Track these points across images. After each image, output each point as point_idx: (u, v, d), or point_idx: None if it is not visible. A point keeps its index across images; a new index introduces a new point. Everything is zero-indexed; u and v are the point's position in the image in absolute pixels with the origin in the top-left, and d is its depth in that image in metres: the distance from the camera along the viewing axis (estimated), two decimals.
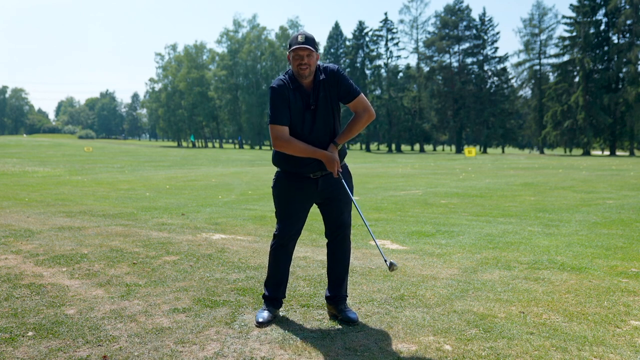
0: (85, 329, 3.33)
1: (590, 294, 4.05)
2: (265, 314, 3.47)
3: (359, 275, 4.64)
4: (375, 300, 3.93)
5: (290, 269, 4.81)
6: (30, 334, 3.24)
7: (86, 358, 2.89)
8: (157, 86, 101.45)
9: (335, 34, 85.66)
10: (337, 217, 3.55)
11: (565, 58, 63.31)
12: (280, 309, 3.69)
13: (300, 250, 5.62)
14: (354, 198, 3.51)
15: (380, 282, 4.40)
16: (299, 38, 3.31)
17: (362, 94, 3.44)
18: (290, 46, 3.33)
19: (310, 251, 5.64)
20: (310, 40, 3.30)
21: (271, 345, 3.10)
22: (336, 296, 3.58)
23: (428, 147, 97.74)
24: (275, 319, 3.52)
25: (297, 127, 3.36)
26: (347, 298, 3.72)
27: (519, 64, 71.08)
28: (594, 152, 66.96)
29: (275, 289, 3.59)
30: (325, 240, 3.72)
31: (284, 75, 3.40)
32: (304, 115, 3.36)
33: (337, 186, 3.50)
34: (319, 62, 3.42)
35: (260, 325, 3.39)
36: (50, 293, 4.10)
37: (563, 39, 63.01)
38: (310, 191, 3.46)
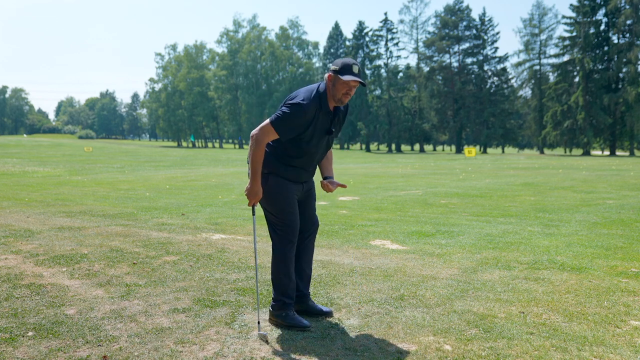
0: (85, 329, 3.33)
1: (590, 294, 4.05)
2: (302, 317, 3.46)
3: (359, 275, 4.64)
4: (375, 300, 3.93)
5: None
6: (30, 334, 3.24)
7: (86, 358, 2.89)
8: (157, 86, 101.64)
9: (335, 34, 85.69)
10: (311, 215, 3.62)
11: (565, 58, 63.36)
12: None
13: None
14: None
15: (380, 282, 4.40)
16: (355, 68, 3.22)
17: None
18: (343, 71, 3.21)
19: None
20: (361, 74, 3.29)
21: (271, 345, 3.10)
22: (306, 295, 3.62)
23: (428, 147, 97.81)
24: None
25: (315, 147, 3.37)
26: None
27: (519, 64, 71.11)
28: (594, 152, 66.99)
29: (294, 292, 3.52)
30: (326, 241, 3.72)
31: (316, 94, 3.29)
32: (322, 138, 3.39)
33: (312, 187, 3.63)
34: None
35: (308, 328, 3.33)
36: (50, 293, 4.10)
37: (563, 39, 63.03)
38: (298, 190, 3.52)
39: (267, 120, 3.29)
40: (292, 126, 3.24)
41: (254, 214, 3.53)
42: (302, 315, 3.55)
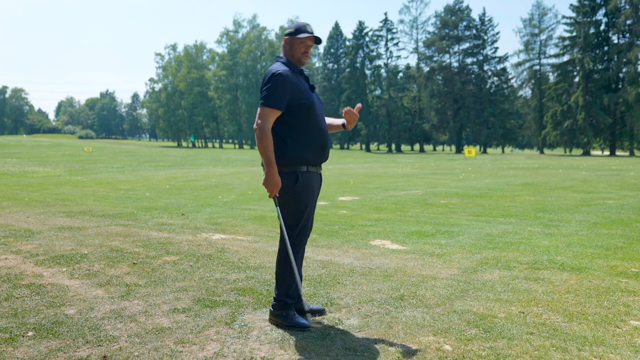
0: (85, 329, 3.32)
1: (590, 294, 4.05)
2: (304, 317, 3.43)
3: (359, 275, 4.64)
4: (375, 300, 3.93)
5: None
6: (30, 334, 3.24)
7: (86, 358, 2.89)
8: (157, 86, 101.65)
9: (335, 34, 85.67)
10: (314, 216, 3.61)
11: (565, 58, 63.39)
12: None
13: None
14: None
15: (380, 282, 4.40)
16: (308, 27, 3.41)
17: None
18: (297, 32, 3.39)
19: (310, 251, 5.63)
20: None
21: (271, 345, 3.10)
22: (300, 295, 3.59)
23: (428, 147, 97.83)
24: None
25: (317, 107, 3.43)
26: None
27: (519, 64, 71.11)
28: (593, 152, 66.99)
29: (299, 293, 3.51)
30: (326, 241, 3.72)
31: (281, 64, 3.42)
32: (313, 96, 3.44)
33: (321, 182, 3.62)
34: None
35: (307, 328, 3.33)
36: (50, 293, 4.10)
37: (563, 39, 63.04)
38: (318, 188, 3.52)
39: (259, 107, 3.33)
40: (282, 94, 3.28)
41: (277, 205, 3.38)
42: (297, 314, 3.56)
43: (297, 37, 3.38)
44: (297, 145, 3.35)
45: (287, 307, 3.42)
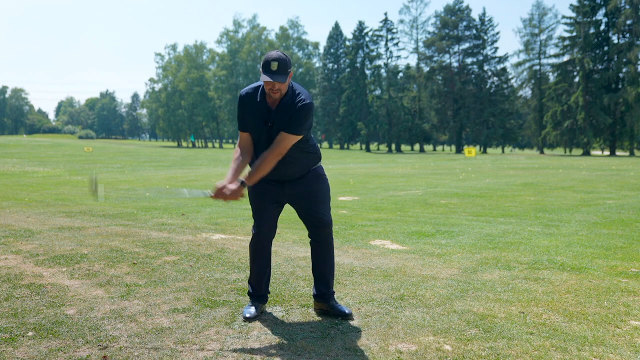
0: (85, 329, 3.32)
1: (590, 294, 4.05)
2: (252, 310, 3.56)
3: (359, 275, 4.64)
4: (375, 300, 3.93)
5: (290, 269, 4.84)
6: (30, 334, 3.24)
7: (86, 358, 2.89)
8: (157, 86, 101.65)
9: (335, 34, 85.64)
10: (310, 215, 3.57)
11: (565, 58, 63.35)
12: (280, 309, 3.73)
13: (300, 250, 5.62)
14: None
15: (380, 282, 4.40)
16: (272, 66, 3.17)
17: (293, 136, 3.29)
18: (262, 68, 3.22)
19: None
20: (282, 68, 3.18)
21: (271, 345, 3.10)
22: (325, 294, 3.65)
23: (428, 147, 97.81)
24: (261, 314, 3.62)
25: (259, 139, 3.45)
26: (335, 294, 3.87)
27: (519, 64, 71.07)
28: (593, 152, 66.99)
29: (257, 285, 3.69)
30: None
31: (258, 85, 3.43)
32: (262, 130, 3.42)
33: (303, 186, 3.53)
34: (298, 89, 3.37)
35: (247, 320, 3.48)
36: (50, 293, 4.10)
37: (563, 39, 63.02)
38: (276, 191, 3.55)
39: None
40: (240, 118, 3.47)
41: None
42: (323, 315, 3.60)
43: (262, 74, 3.23)
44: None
45: (249, 295, 3.70)
